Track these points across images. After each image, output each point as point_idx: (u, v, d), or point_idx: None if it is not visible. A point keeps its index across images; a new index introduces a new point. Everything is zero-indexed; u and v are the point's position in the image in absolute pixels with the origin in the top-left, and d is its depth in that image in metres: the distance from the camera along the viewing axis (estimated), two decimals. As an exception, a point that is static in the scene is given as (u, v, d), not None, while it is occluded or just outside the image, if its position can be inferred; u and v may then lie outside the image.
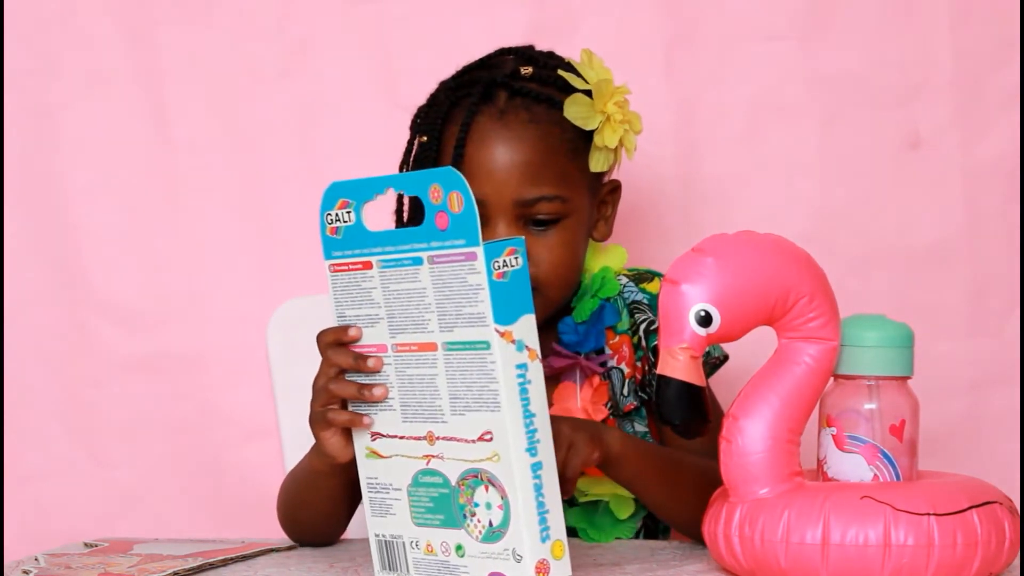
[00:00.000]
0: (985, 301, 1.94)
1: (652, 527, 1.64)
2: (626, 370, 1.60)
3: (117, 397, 1.94)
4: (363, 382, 1.33)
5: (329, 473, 1.42)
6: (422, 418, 1.29)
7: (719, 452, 1.34)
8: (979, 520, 1.28)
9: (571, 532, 1.60)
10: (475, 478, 1.26)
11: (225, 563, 1.44)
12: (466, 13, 1.94)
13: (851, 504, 1.27)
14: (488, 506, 1.26)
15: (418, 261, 1.26)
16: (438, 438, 1.28)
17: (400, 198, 1.60)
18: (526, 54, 1.61)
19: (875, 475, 1.34)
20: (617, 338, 1.63)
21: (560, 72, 1.57)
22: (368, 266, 1.31)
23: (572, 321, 1.62)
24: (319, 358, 1.68)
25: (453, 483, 1.28)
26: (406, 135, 1.68)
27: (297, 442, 1.88)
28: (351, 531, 1.57)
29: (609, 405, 1.60)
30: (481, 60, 1.62)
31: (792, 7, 1.93)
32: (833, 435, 1.35)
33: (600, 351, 1.61)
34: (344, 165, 1.94)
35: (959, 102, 1.94)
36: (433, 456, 1.29)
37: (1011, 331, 1.94)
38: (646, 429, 1.61)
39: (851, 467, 1.34)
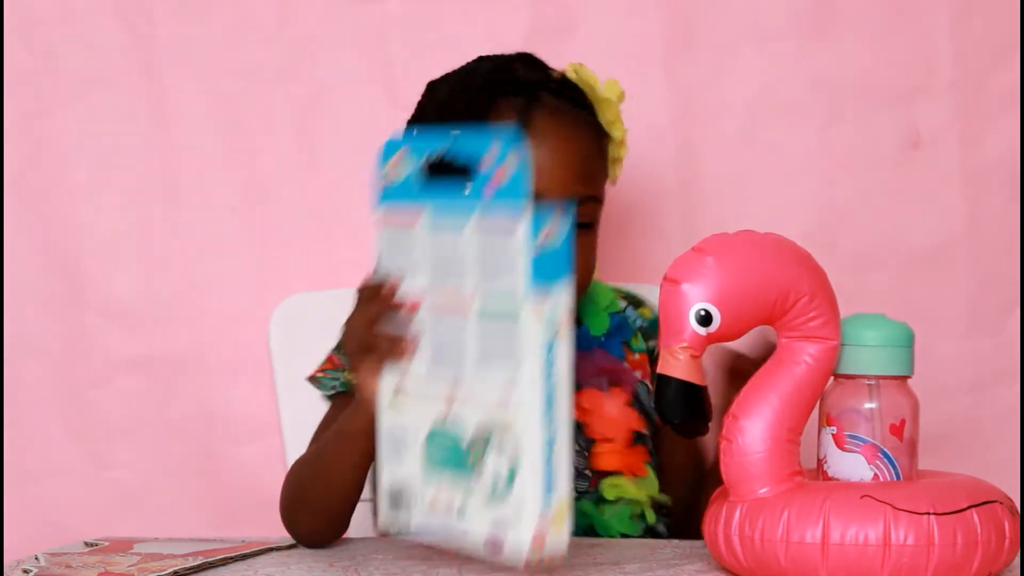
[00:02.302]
0: (985, 301, 1.95)
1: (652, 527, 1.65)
2: (650, 386, 1.62)
3: (117, 397, 1.94)
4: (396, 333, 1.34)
5: (363, 433, 1.40)
6: (447, 374, 1.30)
7: (719, 452, 1.34)
8: (979, 520, 1.28)
9: (582, 525, 1.61)
10: (487, 441, 1.26)
11: (225, 563, 1.44)
12: (466, 13, 1.94)
13: (851, 503, 1.27)
14: (495, 470, 1.26)
15: (464, 220, 1.27)
16: (458, 396, 1.29)
17: None
18: (519, 60, 1.62)
19: (875, 474, 1.34)
20: (637, 356, 1.64)
21: (584, 79, 1.59)
22: (414, 221, 1.32)
23: (588, 332, 1.64)
24: (321, 355, 1.69)
25: (466, 442, 1.28)
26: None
27: (298, 441, 1.88)
28: (351, 531, 1.57)
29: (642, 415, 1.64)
30: (487, 66, 1.62)
31: (792, 7, 1.93)
32: (833, 434, 1.35)
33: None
34: (344, 164, 1.94)
35: (959, 102, 1.94)
36: (451, 412, 1.29)
37: (1011, 331, 1.94)
38: None
39: (851, 466, 1.34)
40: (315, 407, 1.86)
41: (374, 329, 1.34)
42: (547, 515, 1.24)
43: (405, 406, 1.34)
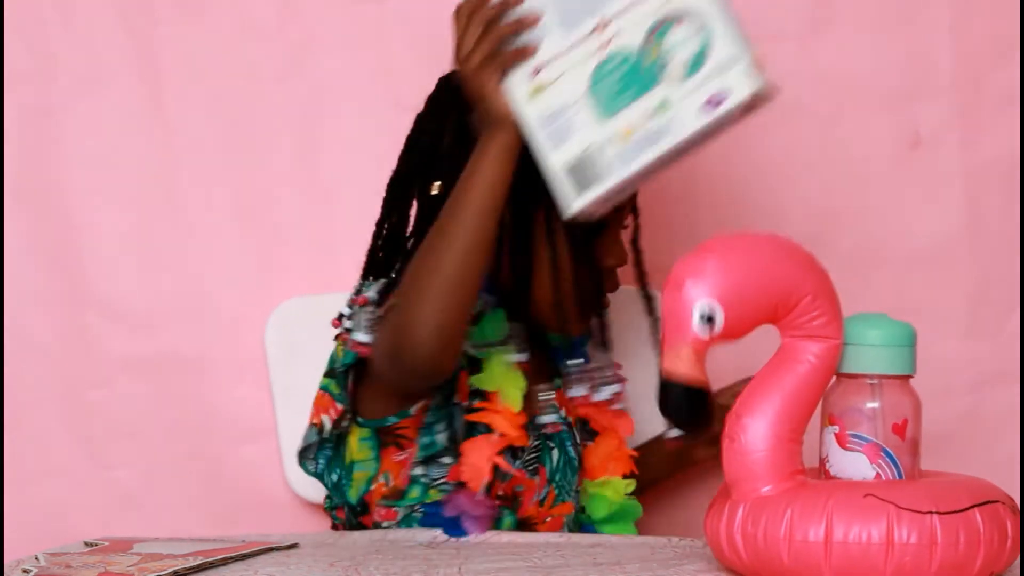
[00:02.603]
0: (985, 301, 1.95)
1: None
2: None
3: (117, 397, 1.94)
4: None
5: (509, 149, 1.43)
6: (586, 14, 1.34)
7: (722, 450, 1.34)
8: (981, 519, 1.28)
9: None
10: (663, 26, 1.30)
11: (225, 562, 1.44)
12: (466, 13, 1.94)
13: (854, 502, 1.27)
14: (683, 43, 1.32)
15: None
16: (609, 20, 1.34)
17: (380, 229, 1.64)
18: None
19: (877, 473, 1.34)
20: None
21: None
22: None
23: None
24: (317, 358, 1.69)
25: (638, 47, 1.33)
26: (406, 135, 1.68)
27: (296, 442, 1.88)
28: (351, 531, 1.57)
29: None
30: None
31: (792, 7, 1.93)
32: (836, 433, 1.35)
33: None
34: (344, 165, 1.94)
35: (959, 102, 1.94)
36: (608, 41, 1.34)
37: (1011, 331, 1.94)
38: None
39: (853, 465, 1.34)
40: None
41: (487, 42, 1.39)
42: (753, 53, 1.32)
43: (547, 92, 1.37)
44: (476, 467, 1.59)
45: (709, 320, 1.30)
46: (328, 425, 1.61)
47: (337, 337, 1.65)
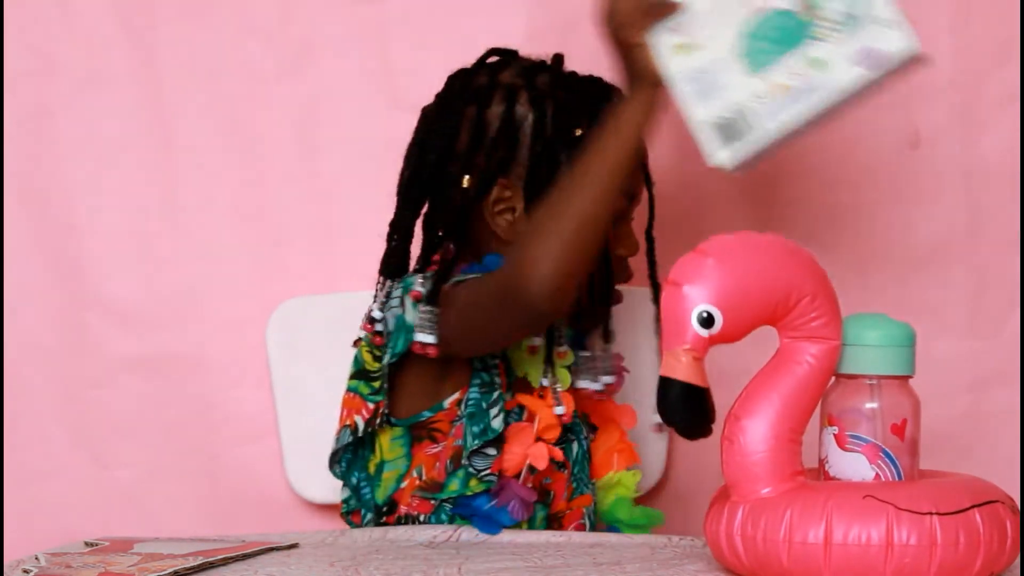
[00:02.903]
0: (985, 301, 1.95)
1: None
2: None
3: (117, 397, 1.94)
4: None
5: (650, 104, 1.46)
6: None
7: (721, 451, 1.34)
8: (981, 519, 1.28)
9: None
10: None
11: (225, 562, 1.44)
12: (466, 13, 1.94)
13: (853, 503, 1.27)
14: (840, 7, 1.33)
15: None
16: None
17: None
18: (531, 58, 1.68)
19: (877, 474, 1.34)
20: None
21: None
22: None
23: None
24: (318, 358, 1.69)
25: (789, 2, 1.35)
26: (406, 135, 1.68)
27: (296, 442, 1.88)
28: (351, 530, 1.57)
29: None
30: (525, 59, 1.68)
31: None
32: (835, 434, 1.35)
33: None
34: (344, 165, 1.94)
35: (959, 102, 1.94)
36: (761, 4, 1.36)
37: (1011, 331, 1.94)
38: None
39: (853, 466, 1.34)
40: (312, 408, 1.86)
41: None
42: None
43: (694, 48, 1.39)
44: (542, 448, 1.61)
45: (708, 321, 1.30)
46: (362, 425, 1.62)
47: (357, 342, 1.64)
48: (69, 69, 1.94)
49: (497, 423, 1.58)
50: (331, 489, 1.77)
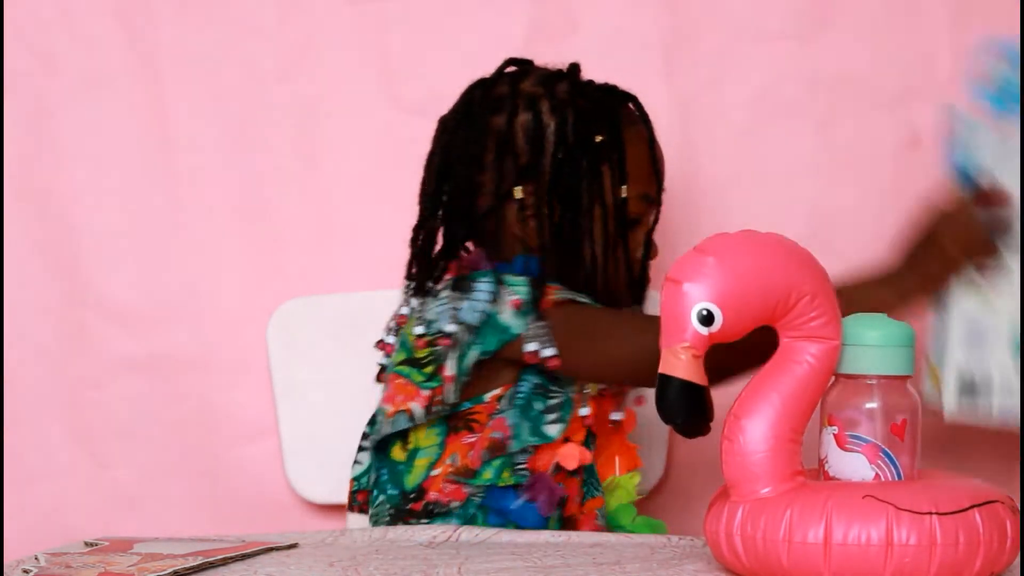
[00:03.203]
0: (985, 301, 1.94)
1: None
2: None
3: (117, 397, 1.94)
4: None
5: (892, 308, 1.49)
6: None
7: (721, 451, 1.34)
8: (981, 519, 1.28)
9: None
10: None
11: (225, 562, 1.44)
12: (466, 13, 1.94)
13: (853, 503, 1.27)
14: None
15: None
16: None
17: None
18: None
19: (876, 474, 1.34)
20: None
21: None
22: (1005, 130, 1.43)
23: None
24: (318, 358, 1.69)
25: None
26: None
27: (296, 442, 1.88)
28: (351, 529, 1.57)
29: None
30: (537, 68, 1.68)
31: (792, 7, 1.93)
32: (835, 434, 1.35)
33: None
34: (344, 165, 1.94)
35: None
36: None
37: (1011, 331, 1.94)
38: None
39: (852, 466, 1.34)
40: (312, 408, 1.86)
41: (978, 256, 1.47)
42: None
43: (988, 296, 1.40)
44: (574, 449, 1.63)
45: (707, 319, 1.29)
46: (420, 412, 1.62)
47: (434, 339, 1.64)
48: (69, 69, 1.94)
49: (555, 429, 1.61)
50: (331, 489, 1.77)
